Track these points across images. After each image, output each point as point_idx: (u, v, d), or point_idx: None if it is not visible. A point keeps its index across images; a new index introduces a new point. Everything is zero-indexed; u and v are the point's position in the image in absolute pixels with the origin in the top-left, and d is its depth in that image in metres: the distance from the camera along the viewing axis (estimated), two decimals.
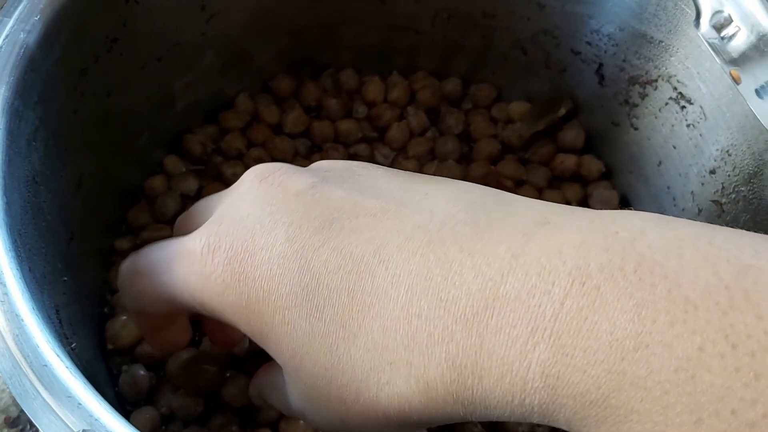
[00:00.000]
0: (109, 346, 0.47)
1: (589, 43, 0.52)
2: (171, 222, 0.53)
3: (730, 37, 0.34)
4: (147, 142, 0.53)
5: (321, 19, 0.56)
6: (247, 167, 0.56)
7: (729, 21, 0.34)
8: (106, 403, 0.27)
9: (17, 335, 0.28)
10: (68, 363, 0.28)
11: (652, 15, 0.46)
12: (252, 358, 0.47)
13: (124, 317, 0.47)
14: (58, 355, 0.28)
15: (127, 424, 0.26)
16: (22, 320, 0.28)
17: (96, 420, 0.26)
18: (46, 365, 0.27)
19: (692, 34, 0.42)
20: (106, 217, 0.50)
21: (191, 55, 0.52)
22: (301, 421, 0.45)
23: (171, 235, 0.51)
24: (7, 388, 0.48)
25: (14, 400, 0.48)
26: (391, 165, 0.58)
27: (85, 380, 0.27)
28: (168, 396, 0.47)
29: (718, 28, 0.35)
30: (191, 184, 0.54)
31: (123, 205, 0.53)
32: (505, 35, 0.56)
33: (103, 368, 0.47)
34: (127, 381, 0.47)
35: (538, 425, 0.47)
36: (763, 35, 0.33)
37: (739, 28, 0.34)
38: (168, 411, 0.46)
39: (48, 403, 0.27)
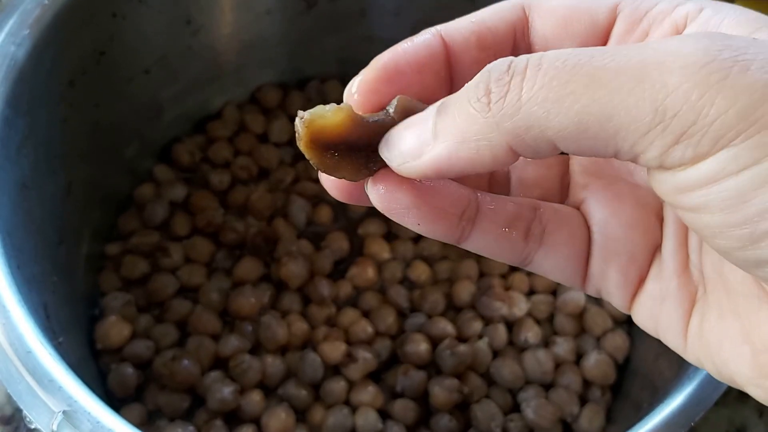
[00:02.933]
0: (99, 346, 0.49)
1: None
2: (160, 228, 0.55)
3: None
4: (136, 151, 0.55)
5: (305, 32, 0.59)
6: (233, 175, 0.59)
7: None
8: (85, 386, 0.29)
9: (4, 324, 0.30)
10: (51, 350, 0.30)
11: None
12: None
13: (114, 318, 0.49)
14: (41, 343, 0.30)
15: (104, 405, 0.28)
16: (9, 311, 0.30)
17: (75, 402, 0.28)
18: (30, 352, 0.29)
19: None
20: (95, 222, 0.52)
21: (178, 68, 0.54)
22: (283, 415, 0.47)
23: (160, 241, 0.54)
24: (2, 387, 0.50)
25: (8, 399, 0.49)
26: None
27: (66, 365, 0.29)
28: (155, 393, 0.49)
29: None
30: (179, 192, 0.57)
31: (112, 212, 0.55)
32: None
33: (93, 367, 0.49)
34: (116, 379, 0.49)
35: (510, 420, 0.49)
36: None
37: None
38: (155, 407, 0.48)
39: (31, 387, 0.29)
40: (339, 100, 0.59)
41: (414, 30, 0.62)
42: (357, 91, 0.21)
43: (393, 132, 0.20)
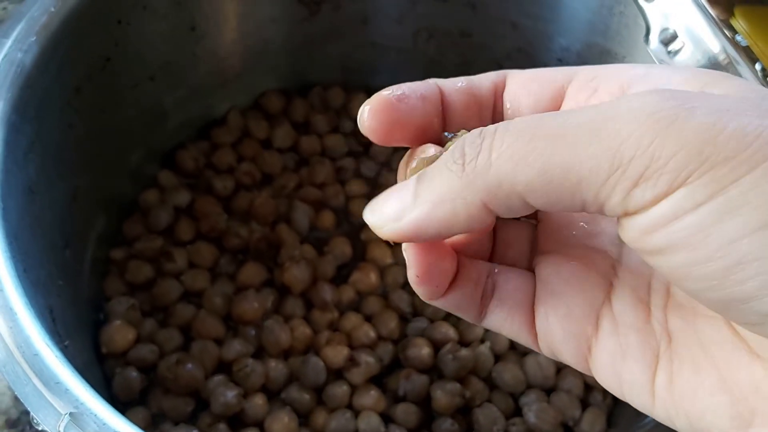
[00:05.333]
0: (104, 350, 0.49)
1: (560, 60, 0.55)
2: (164, 233, 0.55)
3: (677, 52, 0.37)
4: (141, 156, 0.56)
5: (308, 39, 0.59)
6: (237, 181, 0.59)
7: (675, 36, 0.37)
8: (91, 388, 0.29)
9: (11, 327, 0.30)
10: (57, 353, 0.30)
11: (615, 32, 0.49)
12: None
13: (118, 322, 0.50)
14: (48, 346, 0.30)
15: (110, 407, 0.28)
16: (16, 314, 0.31)
17: (82, 404, 0.29)
18: (36, 354, 0.30)
19: (648, 50, 0.45)
20: (101, 227, 0.53)
21: (183, 74, 0.55)
22: (286, 419, 0.48)
23: (164, 246, 0.54)
24: (8, 391, 0.51)
25: (14, 402, 0.50)
26: (376, 178, 0.60)
27: (72, 368, 0.30)
28: (159, 397, 0.49)
29: (666, 42, 0.37)
30: (184, 197, 0.57)
31: (117, 217, 0.55)
32: (481, 53, 0.59)
33: (98, 371, 0.50)
34: (121, 383, 0.49)
35: (512, 424, 0.49)
36: (705, 49, 0.36)
37: (684, 43, 0.37)
38: (159, 411, 0.49)
39: (38, 389, 0.29)
40: (342, 107, 0.60)
41: (416, 37, 0.63)
42: (368, 117, 0.23)
43: (376, 198, 0.22)
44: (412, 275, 0.22)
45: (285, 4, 0.57)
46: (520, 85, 0.24)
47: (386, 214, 0.21)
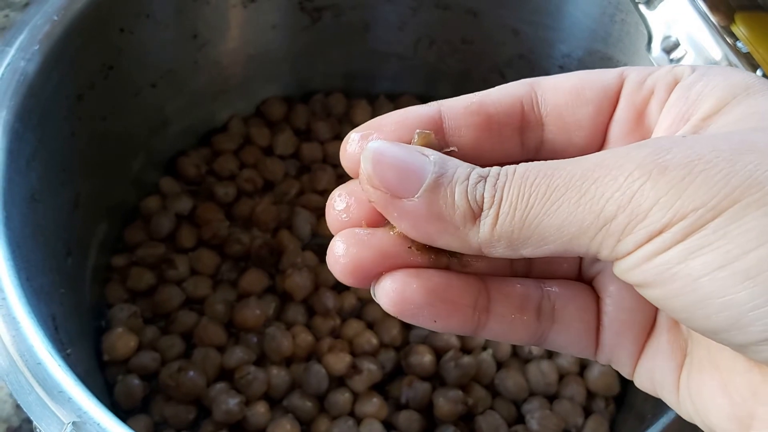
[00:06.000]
0: (105, 358, 0.49)
1: (561, 67, 0.55)
2: (166, 240, 0.55)
3: (679, 59, 0.37)
4: (142, 163, 0.56)
5: (310, 46, 0.59)
6: (239, 187, 0.59)
7: (677, 44, 0.37)
8: (94, 397, 0.29)
9: (14, 336, 0.30)
10: (60, 362, 0.30)
11: (616, 40, 0.49)
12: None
13: (120, 329, 0.50)
14: (51, 355, 0.30)
15: (113, 416, 0.28)
16: (19, 323, 0.31)
17: (85, 413, 0.29)
18: (39, 363, 0.30)
19: (650, 57, 0.45)
20: (102, 234, 0.53)
21: (184, 81, 0.55)
22: (288, 426, 0.48)
23: (166, 253, 0.54)
24: (9, 399, 0.50)
25: (16, 411, 0.50)
26: None
27: (75, 377, 0.30)
28: (161, 404, 0.49)
29: (668, 50, 0.38)
30: (185, 204, 0.57)
31: (119, 224, 0.55)
32: (483, 60, 0.59)
33: (100, 378, 0.50)
34: (122, 390, 0.49)
35: None
36: (707, 56, 0.36)
37: (686, 51, 0.37)
38: (161, 419, 0.49)
39: (41, 398, 0.29)
40: (343, 114, 0.59)
41: (417, 44, 0.63)
42: (352, 147, 0.22)
43: (382, 156, 0.21)
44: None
45: (287, 11, 0.57)
46: (570, 95, 0.23)
47: (390, 183, 0.20)
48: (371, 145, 0.20)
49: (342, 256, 0.21)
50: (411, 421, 0.49)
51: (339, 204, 0.22)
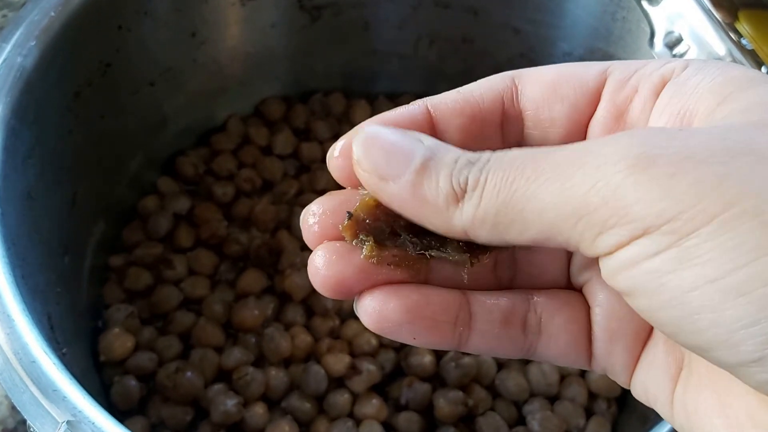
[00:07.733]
0: (102, 358, 0.49)
1: None
2: (163, 240, 0.55)
3: (682, 55, 0.37)
4: (140, 163, 0.55)
5: (309, 45, 0.59)
6: (237, 187, 0.59)
7: (680, 40, 0.37)
8: (89, 396, 0.29)
9: (8, 333, 0.30)
10: (55, 360, 0.30)
11: (618, 37, 0.48)
12: None
13: (117, 330, 0.49)
14: (45, 353, 0.30)
15: (107, 415, 0.28)
16: (13, 320, 0.30)
17: (79, 411, 0.28)
18: (34, 362, 0.29)
19: (653, 53, 0.45)
20: (100, 234, 0.52)
21: (183, 80, 0.55)
22: (286, 428, 0.47)
23: (163, 253, 0.54)
24: (5, 400, 0.50)
25: (11, 411, 0.49)
26: None
27: (70, 375, 0.29)
28: (158, 406, 0.49)
29: (671, 46, 0.37)
30: (183, 204, 0.57)
31: (117, 224, 0.55)
32: (484, 59, 0.58)
33: (96, 379, 0.49)
34: (119, 391, 0.48)
35: None
36: (711, 51, 0.36)
37: (690, 46, 0.36)
38: (158, 420, 0.48)
39: (36, 396, 0.29)
40: (343, 114, 0.59)
41: (417, 43, 0.63)
42: (339, 154, 0.21)
43: (376, 135, 0.20)
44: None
45: (286, 10, 0.56)
46: (547, 89, 0.22)
47: (378, 165, 0.20)
48: (366, 129, 0.20)
49: (322, 268, 0.21)
50: (411, 423, 0.49)
51: (311, 218, 0.22)
